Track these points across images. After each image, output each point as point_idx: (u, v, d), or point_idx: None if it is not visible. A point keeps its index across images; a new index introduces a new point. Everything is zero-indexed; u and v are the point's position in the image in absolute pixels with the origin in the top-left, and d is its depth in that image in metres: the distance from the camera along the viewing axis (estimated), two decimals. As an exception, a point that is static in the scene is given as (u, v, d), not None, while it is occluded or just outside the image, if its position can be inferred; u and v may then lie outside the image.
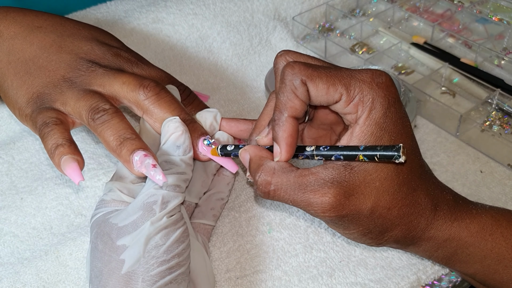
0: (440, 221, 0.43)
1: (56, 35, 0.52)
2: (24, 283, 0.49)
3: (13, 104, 0.50)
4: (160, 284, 0.41)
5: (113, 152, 0.45)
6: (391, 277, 0.48)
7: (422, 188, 0.42)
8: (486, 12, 0.74)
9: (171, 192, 0.43)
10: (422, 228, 0.42)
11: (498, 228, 0.44)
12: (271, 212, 0.54)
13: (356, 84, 0.39)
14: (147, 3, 0.77)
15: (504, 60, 0.69)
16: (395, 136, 0.39)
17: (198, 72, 0.70)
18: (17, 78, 0.50)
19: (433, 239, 0.43)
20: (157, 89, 0.48)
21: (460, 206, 0.44)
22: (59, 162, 0.44)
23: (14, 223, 0.54)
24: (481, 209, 0.45)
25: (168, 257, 0.41)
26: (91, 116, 0.46)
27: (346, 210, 0.39)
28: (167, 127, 0.46)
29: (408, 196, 0.41)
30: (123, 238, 0.42)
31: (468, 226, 0.43)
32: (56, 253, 0.51)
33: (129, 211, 0.43)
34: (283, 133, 0.40)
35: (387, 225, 0.41)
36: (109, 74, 0.49)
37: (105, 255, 0.42)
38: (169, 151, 0.46)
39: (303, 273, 0.49)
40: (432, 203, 0.42)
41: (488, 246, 0.43)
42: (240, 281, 0.49)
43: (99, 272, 0.42)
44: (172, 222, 0.42)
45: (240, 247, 0.51)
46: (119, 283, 0.40)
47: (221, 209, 0.52)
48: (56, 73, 0.49)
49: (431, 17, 0.76)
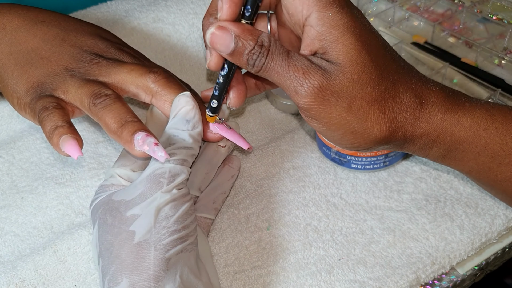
0: (430, 114, 0.42)
1: (60, 29, 0.52)
2: (23, 278, 0.49)
3: (12, 93, 0.50)
4: (172, 252, 0.41)
5: (113, 134, 0.45)
6: (390, 276, 0.48)
7: (402, 82, 0.42)
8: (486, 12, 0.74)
9: (178, 166, 0.43)
10: (411, 124, 0.42)
11: (492, 123, 0.43)
12: (270, 210, 0.54)
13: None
14: (147, 3, 0.77)
15: (504, 60, 0.69)
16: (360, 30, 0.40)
17: (199, 72, 0.70)
18: (18, 68, 0.50)
19: (426, 136, 0.43)
20: (166, 74, 0.49)
21: (450, 98, 0.43)
22: (57, 142, 0.44)
23: (15, 222, 0.54)
24: (475, 103, 0.44)
25: (178, 227, 0.42)
26: (93, 101, 0.45)
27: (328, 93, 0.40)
28: (178, 100, 0.47)
29: (388, 90, 0.41)
30: (132, 209, 0.42)
31: (460, 119, 0.43)
32: (54, 247, 0.51)
33: (135, 185, 0.43)
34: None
35: (370, 121, 0.41)
36: (115, 65, 0.49)
37: (115, 227, 0.42)
38: (178, 125, 0.46)
39: (302, 270, 0.49)
40: (416, 96, 0.42)
41: (482, 142, 0.43)
42: (238, 276, 0.49)
43: (110, 244, 0.42)
44: (181, 195, 0.43)
45: (239, 243, 0.51)
46: (132, 253, 0.41)
47: (222, 203, 0.53)
48: (58, 64, 0.49)
49: (431, 17, 0.76)
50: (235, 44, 0.41)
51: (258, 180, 0.56)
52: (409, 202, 0.54)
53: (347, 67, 0.40)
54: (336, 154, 0.55)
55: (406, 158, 0.57)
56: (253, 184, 0.56)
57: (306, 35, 0.41)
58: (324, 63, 0.41)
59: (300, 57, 0.41)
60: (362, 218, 0.53)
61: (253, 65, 0.41)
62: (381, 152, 0.54)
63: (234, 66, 0.44)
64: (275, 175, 0.57)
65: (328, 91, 0.40)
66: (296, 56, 0.41)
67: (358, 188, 0.55)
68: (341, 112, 0.41)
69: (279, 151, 0.59)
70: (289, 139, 0.60)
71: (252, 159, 0.58)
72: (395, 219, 0.52)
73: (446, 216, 0.52)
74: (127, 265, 0.40)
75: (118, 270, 0.41)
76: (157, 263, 0.40)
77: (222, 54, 0.42)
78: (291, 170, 0.57)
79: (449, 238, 0.50)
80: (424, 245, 0.50)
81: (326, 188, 0.55)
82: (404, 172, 0.56)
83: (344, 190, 0.55)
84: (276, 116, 0.64)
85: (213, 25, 0.41)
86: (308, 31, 0.41)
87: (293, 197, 0.55)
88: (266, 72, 0.41)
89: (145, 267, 0.40)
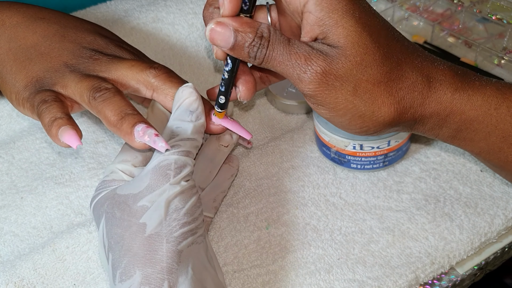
0: (439, 93, 0.42)
1: (60, 26, 0.52)
2: (22, 277, 0.49)
3: (10, 88, 0.49)
4: (184, 245, 0.41)
5: (113, 127, 0.44)
6: (389, 275, 0.48)
7: (408, 62, 0.41)
8: (486, 12, 0.74)
9: (183, 157, 0.43)
10: (420, 103, 0.42)
11: (503, 102, 0.42)
12: (269, 209, 0.54)
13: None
14: (147, 3, 0.77)
15: (504, 60, 0.69)
16: (359, 13, 0.40)
17: (198, 72, 0.70)
18: (17, 63, 0.50)
19: (436, 115, 0.42)
20: (167, 69, 0.49)
21: (460, 76, 0.43)
22: (56, 133, 0.44)
23: (14, 222, 0.54)
24: (485, 81, 0.43)
25: (188, 219, 0.42)
26: (92, 95, 0.45)
27: (331, 77, 0.40)
28: (181, 92, 0.46)
29: (393, 70, 0.41)
30: (141, 201, 0.42)
31: (470, 98, 0.42)
32: (53, 246, 0.51)
33: (141, 178, 0.43)
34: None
35: (377, 103, 0.41)
36: (115, 61, 0.49)
37: (124, 220, 0.42)
38: (182, 116, 0.46)
39: (300, 268, 0.49)
40: (423, 75, 0.42)
41: (493, 121, 0.42)
42: (237, 274, 0.49)
43: (120, 237, 0.42)
44: (189, 187, 0.43)
45: (238, 242, 0.51)
46: (144, 245, 0.40)
47: (221, 201, 0.53)
48: (58, 60, 0.49)
49: (431, 17, 0.76)
50: (234, 38, 0.41)
51: (258, 180, 0.56)
52: (408, 202, 0.54)
53: (349, 50, 0.40)
54: (335, 154, 0.55)
55: (406, 158, 0.57)
56: (253, 183, 0.56)
57: (306, 22, 0.41)
58: (325, 48, 0.40)
59: (301, 44, 0.41)
60: (362, 218, 0.53)
61: (255, 57, 0.41)
62: (380, 152, 0.54)
63: (237, 60, 0.44)
64: (274, 174, 0.57)
65: (331, 76, 0.40)
66: (297, 43, 0.41)
67: (358, 188, 0.55)
68: (346, 96, 0.41)
69: (279, 151, 0.59)
70: (289, 139, 0.60)
71: (251, 158, 0.58)
72: (394, 218, 0.52)
73: (446, 216, 0.52)
74: (140, 258, 0.40)
75: (130, 263, 0.40)
76: (169, 256, 0.40)
77: (223, 50, 0.42)
78: (291, 169, 0.57)
79: (448, 238, 0.50)
80: (423, 245, 0.50)
81: (325, 188, 0.55)
82: (403, 172, 0.56)
83: (343, 190, 0.55)
84: (276, 116, 0.64)
85: (212, 21, 0.41)
86: (307, 17, 0.41)
87: (292, 197, 0.55)
88: (269, 62, 0.41)
89: (158, 259, 0.40)
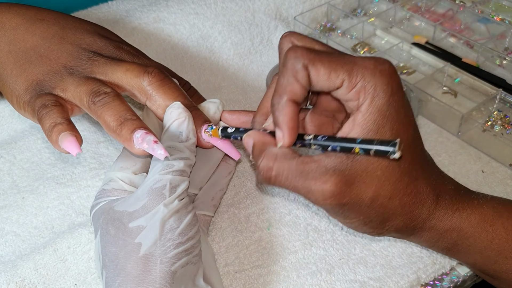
0: (442, 211, 0.42)
1: (59, 27, 0.52)
2: (23, 277, 0.49)
3: (11, 91, 0.49)
4: (178, 265, 0.41)
5: (112, 132, 0.44)
6: (390, 276, 0.48)
7: (424, 178, 0.41)
8: (488, 12, 0.74)
9: (177, 177, 0.43)
10: (424, 218, 0.42)
11: (499, 219, 0.43)
12: (270, 209, 0.54)
13: (358, 71, 0.38)
14: (148, 3, 0.77)
15: (505, 60, 0.69)
16: (397, 124, 0.39)
17: (200, 72, 0.70)
18: (17, 66, 0.50)
19: (434, 229, 0.43)
20: (161, 76, 0.48)
21: (461, 196, 0.44)
22: (56, 139, 0.44)
23: (16, 222, 0.54)
24: (482, 199, 0.44)
25: (183, 239, 0.42)
26: (92, 99, 0.45)
27: (347, 198, 0.39)
28: (170, 113, 0.46)
29: (410, 185, 0.41)
30: (136, 221, 0.42)
31: (469, 216, 0.43)
32: (54, 246, 0.51)
33: (138, 196, 0.43)
34: (283, 117, 0.40)
35: (388, 215, 0.41)
36: (112, 63, 0.49)
37: (119, 239, 0.42)
38: (172, 137, 0.45)
39: (302, 269, 0.49)
40: (434, 193, 0.42)
41: (488, 237, 0.43)
42: (238, 275, 0.49)
43: (114, 256, 0.42)
44: (183, 205, 0.43)
45: (239, 243, 0.51)
46: (138, 265, 0.40)
47: (220, 200, 0.53)
48: (57, 62, 0.49)
49: (432, 17, 0.76)
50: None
51: (259, 180, 0.56)
52: (410, 202, 0.53)
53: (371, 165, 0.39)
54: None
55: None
56: (254, 183, 0.56)
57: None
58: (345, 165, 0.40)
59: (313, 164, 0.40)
60: (363, 218, 0.53)
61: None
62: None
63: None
64: (275, 175, 0.57)
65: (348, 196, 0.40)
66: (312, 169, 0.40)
67: (359, 188, 0.55)
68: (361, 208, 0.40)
69: (280, 151, 0.59)
70: (290, 139, 0.60)
71: (252, 159, 0.58)
72: (395, 219, 0.52)
73: (447, 216, 0.52)
74: (133, 278, 0.40)
75: (124, 283, 0.40)
76: (163, 276, 0.40)
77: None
78: (292, 170, 0.57)
79: (450, 238, 0.50)
80: (424, 245, 0.50)
81: (326, 188, 0.55)
82: (405, 172, 0.56)
83: (344, 190, 0.55)
84: (277, 116, 0.64)
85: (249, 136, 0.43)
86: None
87: (293, 197, 0.55)
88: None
89: (151, 280, 0.40)
